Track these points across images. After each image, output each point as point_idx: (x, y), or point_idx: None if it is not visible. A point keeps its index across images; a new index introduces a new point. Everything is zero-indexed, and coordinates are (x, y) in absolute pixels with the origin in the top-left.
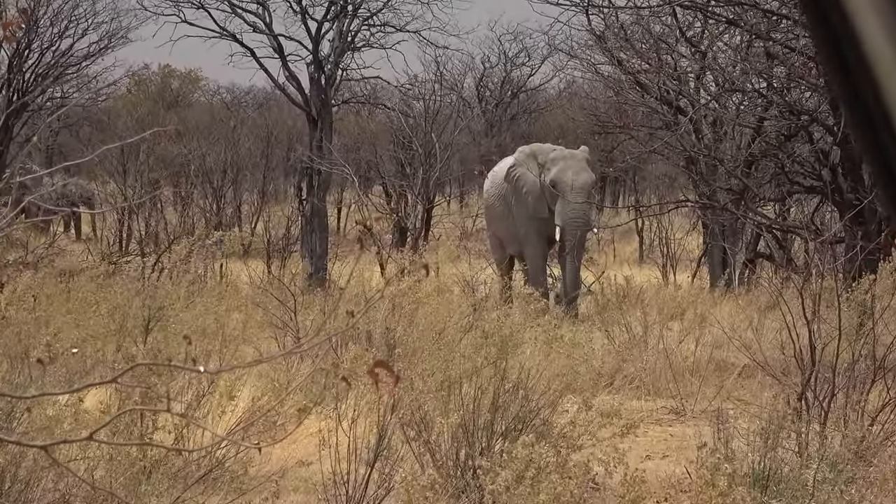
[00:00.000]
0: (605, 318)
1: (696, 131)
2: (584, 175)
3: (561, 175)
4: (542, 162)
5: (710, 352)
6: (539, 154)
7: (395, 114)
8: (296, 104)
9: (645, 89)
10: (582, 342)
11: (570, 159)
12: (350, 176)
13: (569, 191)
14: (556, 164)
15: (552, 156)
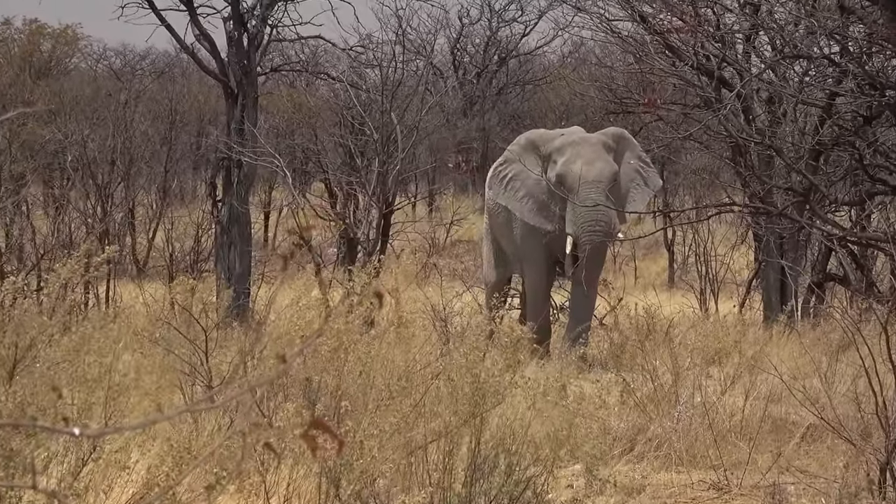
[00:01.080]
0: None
1: (746, 111)
2: (599, 165)
3: (568, 167)
4: (545, 153)
5: (764, 407)
6: (540, 143)
7: (342, 86)
8: (209, 73)
9: (677, 54)
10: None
11: (580, 146)
12: (281, 169)
13: (579, 187)
14: (563, 154)
15: (556, 144)
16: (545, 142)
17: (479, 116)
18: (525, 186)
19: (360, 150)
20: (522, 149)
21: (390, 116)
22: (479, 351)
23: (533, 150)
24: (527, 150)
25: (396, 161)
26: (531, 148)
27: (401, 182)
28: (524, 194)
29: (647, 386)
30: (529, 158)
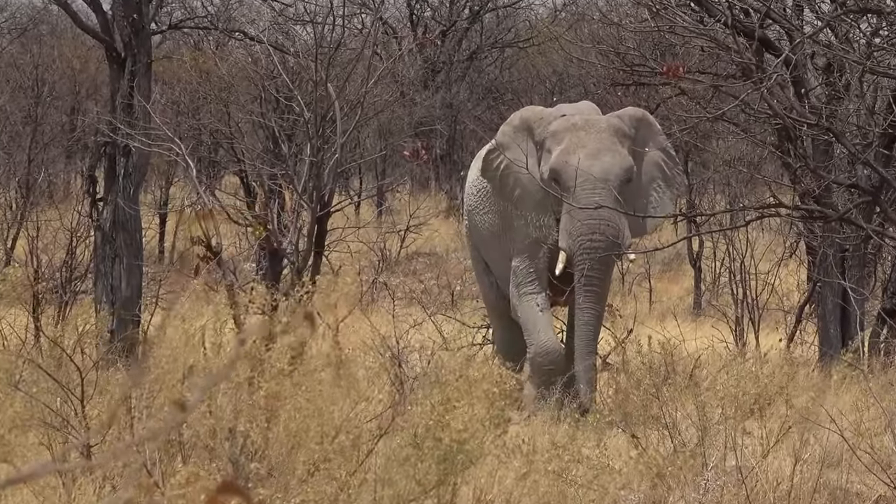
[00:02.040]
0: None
1: (796, 83)
2: (607, 158)
3: (564, 159)
4: (539, 138)
5: (819, 473)
6: (535, 125)
7: (262, 49)
8: (87, 30)
9: (706, 8)
10: (592, 455)
11: (583, 131)
12: (183, 159)
13: (577, 186)
14: (559, 141)
15: (553, 127)
16: (540, 123)
17: (445, 89)
18: (521, 181)
19: (287, 134)
20: (515, 131)
21: (326, 89)
22: (451, 401)
23: (526, 133)
24: (519, 133)
25: (335, 148)
26: (524, 130)
27: (340, 175)
28: (521, 192)
29: (665, 445)
30: (525, 143)
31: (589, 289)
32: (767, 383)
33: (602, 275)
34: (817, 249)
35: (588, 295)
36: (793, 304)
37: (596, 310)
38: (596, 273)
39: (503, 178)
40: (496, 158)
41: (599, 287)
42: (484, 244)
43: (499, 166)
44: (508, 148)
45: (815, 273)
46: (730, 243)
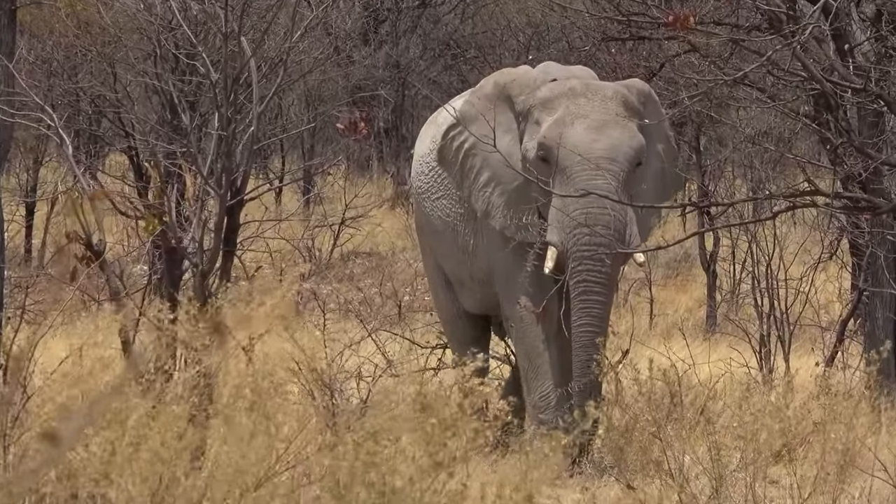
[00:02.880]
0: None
1: (838, 37)
2: (615, 133)
3: (558, 132)
4: (523, 108)
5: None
6: (516, 91)
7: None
8: None
9: None
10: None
11: (583, 97)
12: (56, 132)
13: (577, 169)
14: (551, 110)
15: (542, 94)
16: (524, 89)
17: (390, 44)
18: (490, 166)
19: (189, 101)
20: (487, 100)
21: (239, 43)
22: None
23: (504, 103)
24: (494, 103)
25: (250, 118)
26: (501, 98)
27: (257, 154)
28: (490, 176)
29: (670, 498)
30: (500, 115)
31: (587, 299)
32: (800, 419)
33: (605, 280)
34: (864, 249)
35: (585, 307)
36: (833, 319)
37: (595, 327)
38: (597, 278)
39: (467, 159)
40: (458, 136)
41: (601, 296)
42: (437, 238)
43: (461, 146)
44: (475, 121)
45: (862, 280)
46: (753, 241)
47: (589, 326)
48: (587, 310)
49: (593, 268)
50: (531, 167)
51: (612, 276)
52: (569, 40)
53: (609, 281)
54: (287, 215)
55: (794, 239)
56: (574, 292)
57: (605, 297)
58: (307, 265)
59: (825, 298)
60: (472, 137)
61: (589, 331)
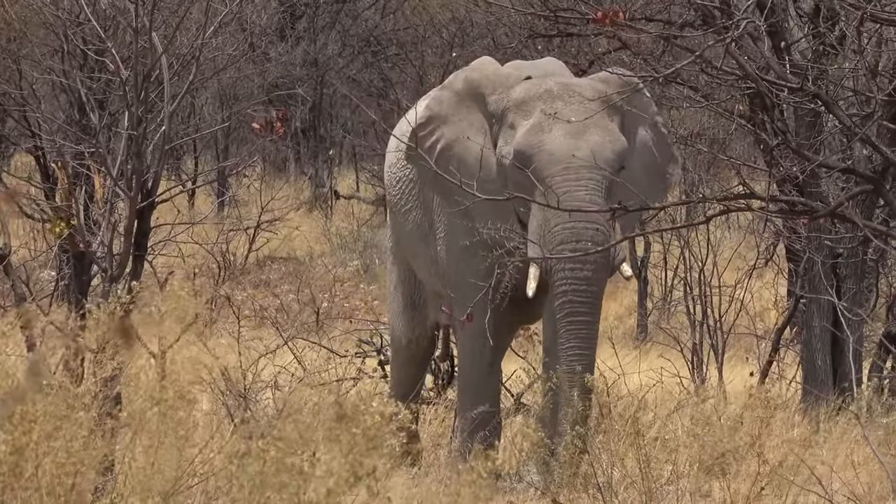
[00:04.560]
0: (554, 468)
1: (774, 34)
2: (595, 137)
3: (536, 139)
4: (496, 109)
5: None
6: (489, 90)
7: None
8: None
9: None
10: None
11: (560, 100)
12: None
13: (557, 180)
14: (527, 113)
15: (517, 94)
16: (497, 88)
17: (308, 40)
18: (466, 167)
19: (98, 99)
20: (458, 98)
21: (150, 39)
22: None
23: (475, 102)
24: (465, 101)
25: (161, 117)
26: (472, 97)
27: (169, 155)
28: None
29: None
30: (471, 115)
31: (573, 321)
32: (734, 431)
33: (591, 299)
34: (801, 255)
35: (572, 329)
36: (768, 327)
37: (583, 350)
38: (583, 297)
39: (439, 164)
40: (429, 136)
41: (588, 316)
42: (413, 251)
43: (433, 147)
44: (447, 121)
45: (798, 286)
46: (685, 246)
47: (578, 349)
48: (574, 332)
49: (579, 287)
50: (508, 174)
51: (598, 294)
52: (494, 37)
53: (595, 299)
54: (200, 218)
55: (729, 244)
56: (560, 314)
57: (593, 317)
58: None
59: (760, 306)
60: (444, 138)
61: (577, 354)
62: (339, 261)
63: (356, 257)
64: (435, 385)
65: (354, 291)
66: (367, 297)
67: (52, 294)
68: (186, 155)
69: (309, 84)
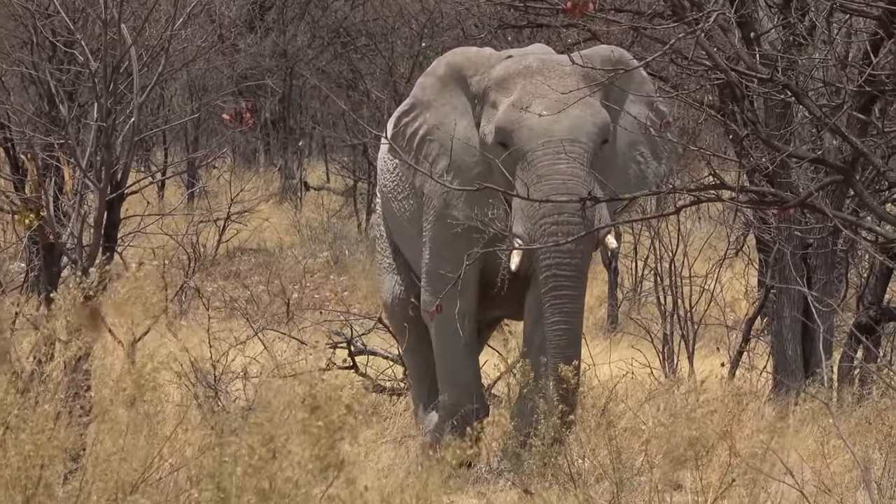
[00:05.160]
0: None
1: (744, 25)
2: (576, 112)
3: (516, 115)
4: (478, 90)
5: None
6: (471, 72)
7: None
8: None
9: None
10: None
11: (540, 75)
12: None
13: (538, 154)
14: (507, 91)
15: (497, 73)
16: (479, 69)
17: (277, 31)
18: (448, 153)
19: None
20: (441, 83)
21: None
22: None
23: (458, 85)
24: (449, 85)
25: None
26: (455, 80)
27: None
28: (446, 167)
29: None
30: (455, 99)
31: (558, 294)
32: (705, 422)
33: (576, 273)
34: (771, 245)
35: (557, 303)
36: (738, 318)
37: (569, 325)
38: (567, 271)
39: (420, 149)
40: (412, 122)
41: (573, 290)
42: (404, 239)
43: (416, 133)
44: (431, 107)
45: (769, 277)
46: (656, 236)
47: (563, 324)
48: (559, 306)
49: (563, 260)
50: (490, 153)
51: (582, 269)
52: (464, 28)
53: (580, 273)
54: (170, 210)
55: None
56: (544, 288)
57: (577, 290)
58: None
59: (731, 296)
60: (426, 123)
61: (563, 328)
62: (309, 252)
63: (326, 248)
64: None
65: (324, 282)
66: (336, 287)
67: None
68: (156, 146)
69: (278, 75)
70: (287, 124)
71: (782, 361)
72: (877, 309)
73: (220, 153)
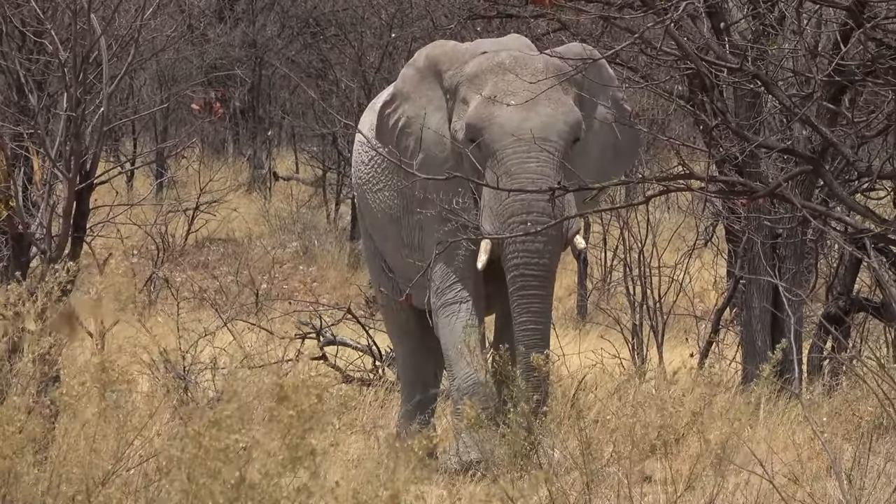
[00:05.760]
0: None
1: (713, 14)
2: (547, 110)
3: (486, 111)
4: (451, 84)
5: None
6: (446, 66)
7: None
8: None
9: None
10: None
11: (511, 72)
12: None
13: (508, 152)
14: (480, 86)
15: (470, 68)
16: (453, 63)
17: (246, 22)
18: (424, 146)
19: (37, 81)
20: (420, 75)
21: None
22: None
23: (434, 78)
24: (427, 78)
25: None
26: (433, 74)
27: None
28: (422, 161)
29: (539, 495)
30: (431, 91)
31: (525, 294)
32: (674, 412)
33: (544, 272)
34: (740, 235)
35: (525, 302)
36: (708, 308)
37: (537, 324)
38: (535, 270)
39: (402, 136)
40: (393, 113)
41: (540, 290)
42: (378, 231)
43: (395, 125)
44: (409, 99)
45: (738, 267)
46: (625, 226)
47: (532, 324)
48: (526, 305)
49: (531, 260)
50: (461, 149)
51: (550, 267)
52: (433, 18)
53: (548, 272)
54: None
55: (668, 225)
56: (511, 287)
57: (545, 290)
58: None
59: (700, 286)
60: (405, 115)
61: (531, 328)
62: (278, 242)
63: (295, 239)
64: (374, 367)
65: (293, 273)
66: (306, 278)
67: None
68: (125, 136)
69: (248, 65)
70: (256, 114)
71: (751, 352)
72: (846, 299)
73: (189, 143)
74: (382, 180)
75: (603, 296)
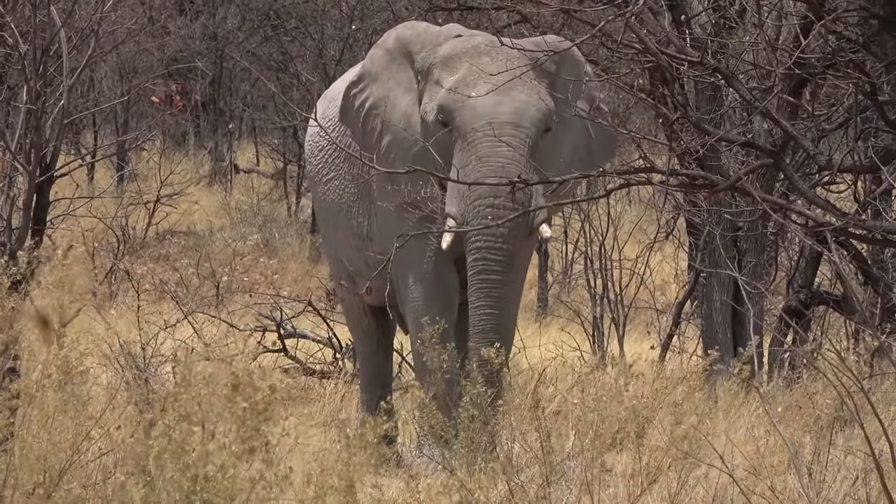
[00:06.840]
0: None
1: (674, 8)
2: (521, 96)
3: (459, 95)
4: (423, 66)
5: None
6: (417, 48)
7: None
8: None
9: None
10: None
11: (487, 56)
12: None
13: (479, 136)
14: (452, 69)
15: (444, 51)
16: (426, 45)
17: (207, 15)
18: (390, 128)
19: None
20: (389, 56)
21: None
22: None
23: (405, 59)
24: (396, 59)
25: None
26: (403, 55)
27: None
28: (391, 140)
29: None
30: (401, 74)
31: (485, 279)
32: (635, 405)
33: (505, 258)
34: (701, 228)
35: (483, 287)
36: (669, 301)
37: (494, 310)
38: (496, 255)
39: (368, 119)
40: (360, 94)
41: (500, 275)
42: (332, 225)
43: (362, 105)
44: (377, 80)
45: (699, 260)
46: (586, 219)
47: (489, 309)
48: (485, 290)
49: (493, 244)
50: (430, 131)
51: (513, 254)
52: (394, 10)
53: (510, 259)
54: (99, 192)
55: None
56: (471, 271)
57: (506, 276)
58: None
59: (661, 279)
60: (372, 96)
61: (488, 313)
62: (239, 235)
63: (256, 231)
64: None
65: (254, 265)
66: (266, 270)
67: None
68: (86, 129)
69: (208, 58)
70: (217, 107)
71: (712, 345)
72: (806, 292)
73: (150, 136)
74: (333, 170)
75: (564, 288)
